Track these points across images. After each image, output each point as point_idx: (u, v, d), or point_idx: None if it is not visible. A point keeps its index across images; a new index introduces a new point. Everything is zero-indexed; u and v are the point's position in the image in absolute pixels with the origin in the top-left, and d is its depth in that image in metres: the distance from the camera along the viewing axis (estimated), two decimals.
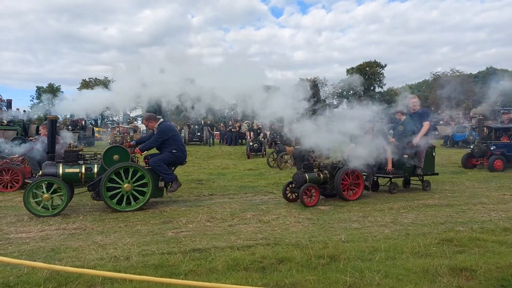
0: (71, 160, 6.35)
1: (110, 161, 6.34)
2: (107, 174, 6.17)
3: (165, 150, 6.80)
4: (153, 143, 6.87)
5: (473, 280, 3.29)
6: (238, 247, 4.23)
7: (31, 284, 3.28)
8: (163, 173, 6.61)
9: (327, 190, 7.02)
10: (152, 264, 3.71)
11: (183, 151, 6.96)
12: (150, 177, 6.39)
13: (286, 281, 3.23)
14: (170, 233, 4.92)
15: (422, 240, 4.31)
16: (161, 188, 6.69)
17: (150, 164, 6.65)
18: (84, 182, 6.40)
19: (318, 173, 6.86)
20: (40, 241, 4.66)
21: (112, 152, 6.39)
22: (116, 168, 6.22)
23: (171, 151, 6.76)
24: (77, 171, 6.31)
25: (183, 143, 7.23)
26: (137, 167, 6.37)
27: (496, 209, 6.09)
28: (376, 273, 3.37)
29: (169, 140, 6.80)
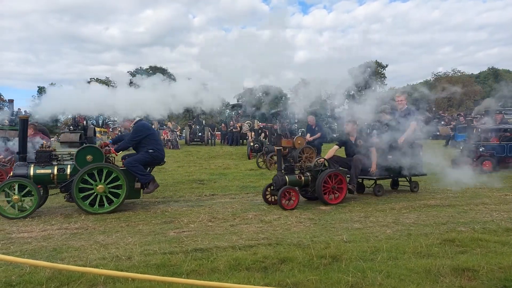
0: (43, 161, 6.14)
1: (83, 161, 6.15)
2: (79, 175, 5.99)
3: (142, 150, 6.59)
4: (129, 143, 6.68)
5: (475, 280, 3.29)
6: (240, 247, 4.23)
7: (34, 283, 3.28)
8: (139, 173, 6.40)
9: (308, 193, 6.84)
10: (154, 264, 3.71)
11: (160, 150, 6.76)
12: (125, 178, 6.22)
13: (288, 281, 3.23)
14: (172, 233, 4.92)
15: (424, 240, 4.30)
16: (138, 189, 6.50)
17: (125, 164, 6.46)
18: (57, 183, 6.21)
19: (299, 175, 6.67)
20: (42, 241, 4.67)
21: (85, 152, 6.21)
22: (90, 169, 6.06)
23: (148, 151, 6.55)
24: (49, 172, 6.12)
25: (160, 143, 7.02)
26: (110, 168, 6.20)
27: (498, 209, 6.08)
28: (378, 273, 3.37)
29: (146, 140, 6.59)
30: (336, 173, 6.69)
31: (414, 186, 7.74)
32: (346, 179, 6.81)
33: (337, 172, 6.73)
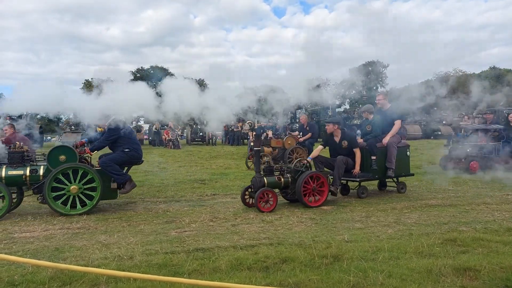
0: (15, 162, 5.99)
1: (56, 162, 5.99)
2: (51, 175, 5.85)
3: (117, 149, 6.46)
4: (103, 142, 6.50)
5: (477, 280, 3.29)
6: (242, 247, 4.24)
7: (36, 283, 3.29)
8: (114, 173, 6.27)
9: (288, 195, 6.66)
10: (156, 264, 3.72)
11: (137, 150, 6.61)
12: (100, 179, 6.08)
13: (290, 281, 3.24)
14: (174, 233, 4.93)
15: (426, 240, 4.30)
16: (114, 189, 6.35)
17: (100, 164, 6.33)
18: (30, 184, 6.06)
19: (279, 177, 6.48)
20: (44, 240, 4.68)
21: (57, 152, 6.04)
22: (63, 169, 5.90)
23: (123, 150, 6.42)
24: (21, 173, 5.95)
25: (137, 142, 6.85)
26: (82, 168, 6.03)
27: (499, 209, 6.08)
28: (379, 273, 3.37)
29: (121, 139, 6.44)
30: (317, 175, 6.52)
31: (401, 187, 7.57)
32: (328, 181, 6.63)
33: (318, 174, 6.57)
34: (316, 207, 6.30)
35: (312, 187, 6.42)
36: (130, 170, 6.85)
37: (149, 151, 19.97)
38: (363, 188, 7.22)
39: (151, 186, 8.73)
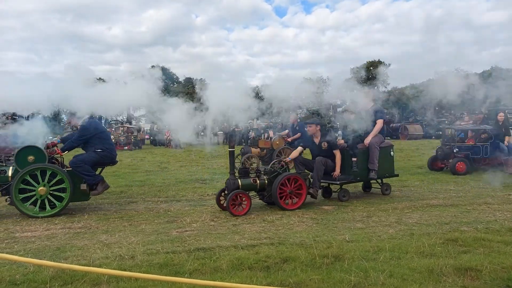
0: None
1: (24, 162, 5.84)
2: (17, 177, 5.72)
3: (89, 149, 6.29)
4: (75, 142, 6.34)
5: (478, 280, 3.28)
6: (243, 247, 4.24)
7: (38, 282, 3.31)
8: (85, 174, 6.09)
9: (265, 198, 6.45)
10: (157, 263, 3.73)
11: (110, 150, 6.44)
12: (69, 180, 5.92)
13: (291, 281, 3.24)
14: (175, 232, 4.94)
15: (427, 240, 4.30)
16: (85, 190, 6.18)
17: (70, 164, 6.14)
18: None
19: (254, 179, 6.22)
20: (46, 240, 4.70)
21: (26, 152, 5.88)
22: (30, 170, 5.76)
23: (95, 150, 6.24)
24: None
25: (110, 142, 6.67)
26: (50, 168, 5.88)
27: (501, 209, 6.06)
28: (380, 272, 3.37)
29: (94, 139, 6.26)
30: (294, 177, 6.29)
31: (385, 189, 7.30)
32: (305, 183, 6.41)
33: (295, 176, 6.33)
34: (292, 210, 6.09)
35: (289, 190, 6.21)
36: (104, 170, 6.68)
37: (150, 151, 20.00)
38: (344, 191, 6.90)
39: (152, 186, 8.74)
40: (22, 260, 2.24)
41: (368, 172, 7.03)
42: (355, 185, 8.50)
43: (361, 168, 6.99)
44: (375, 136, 7.10)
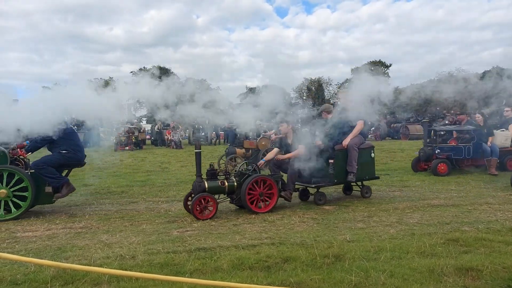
0: None
1: None
2: None
3: (54, 150, 6.13)
4: (39, 143, 6.14)
5: (479, 280, 3.28)
6: (243, 246, 4.24)
7: (38, 282, 3.31)
8: (48, 176, 5.91)
9: (234, 201, 6.22)
10: (158, 263, 3.73)
11: (76, 151, 6.23)
12: (31, 182, 5.75)
13: (291, 280, 3.24)
14: (175, 232, 4.94)
15: (428, 240, 4.29)
16: (49, 193, 6.00)
17: (32, 166, 5.98)
18: None
19: (223, 181, 5.96)
20: (47, 240, 4.71)
21: None
22: None
23: (60, 151, 6.07)
24: None
25: (78, 143, 6.41)
26: (7, 170, 5.72)
27: (502, 209, 6.05)
28: (381, 272, 3.37)
29: (59, 140, 6.04)
30: (263, 178, 6.03)
31: (365, 192, 7.00)
32: (277, 185, 6.14)
33: (264, 177, 6.05)
34: (264, 213, 5.88)
35: (259, 192, 5.96)
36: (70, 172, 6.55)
37: (151, 151, 20.00)
38: (321, 194, 6.58)
39: (153, 186, 8.74)
40: (23, 259, 2.25)
41: (347, 174, 6.75)
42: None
43: (338, 171, 6.70)
44: (355, 137, 6.83)
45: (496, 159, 9.60)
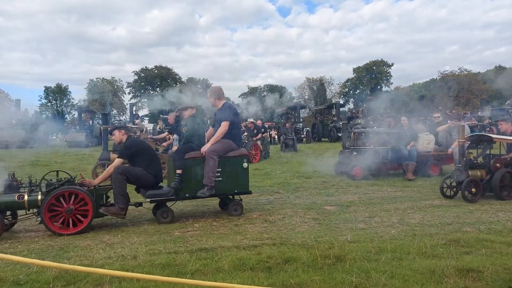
0: None
1: None
2: None
3: None
4: None
5: (480, 281, 3.28)
6: (244, 247, 4.25)
7: (41, 282, 3.33)
8: None
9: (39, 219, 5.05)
10: (159, 263, 3.75)
11: None
12: None
13: (292, 281, 3.25)
14: (177, 233, 4.96)
15: (429, 241, 4.29)
16: None
17: None
18: None
19: (21, 195, 4.91)
20: (49, 240, 4.73)
21: None
22: None
23: None
24: None
25: None
26: None
27: (503, 209, 6.05)
28: (382, 273, 3.38)
29: None
30: (72, 191, 4.97)
31: (234, 209, 5.85)
32: (91, 199, 5.05)
33: (76, 191, 4.98)
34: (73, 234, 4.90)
35: (66, 209, 4.90)
36: None
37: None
38: (165, 210, 5.51)
39: None
40: (26, 261, 2.26)
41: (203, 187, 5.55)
42: (357, 186, 8.51)
43: (187, 182, 5.59)
44: (219, 142, 5.71)
45: (413, 163, 9.24)
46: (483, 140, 7.47)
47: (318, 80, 57.58)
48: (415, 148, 9.45)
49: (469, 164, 6.89)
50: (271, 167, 12.06)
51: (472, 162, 6.99)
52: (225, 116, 5.83)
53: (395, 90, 57.06)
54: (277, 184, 8.71)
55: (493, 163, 6.95)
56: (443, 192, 7.04)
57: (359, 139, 10.33)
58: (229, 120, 5.80)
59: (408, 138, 9.57)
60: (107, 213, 5.25)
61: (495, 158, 7.04)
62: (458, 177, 6.76)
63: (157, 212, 5.54)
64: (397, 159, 9.49)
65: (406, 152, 9.36)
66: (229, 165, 5.80)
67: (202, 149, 5.66)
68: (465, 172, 6.73)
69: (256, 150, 13.54)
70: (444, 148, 9.74)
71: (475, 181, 6.68)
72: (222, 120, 5.82)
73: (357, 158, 9.50)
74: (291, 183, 8.90)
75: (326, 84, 58.58)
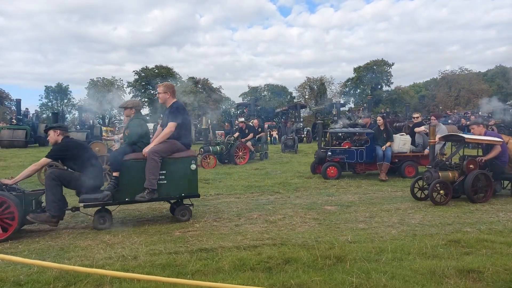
0: None
1: None
2: None
3: None
4: None
5: (480, 282, 3.28)
6: (245, 247, 4.25)
7: (41, 282, 3.34)
8: None
9: None
10: (160, 264, 3.75)
11: None
12: None
13: (292, 282, 3.25)
14: (177, 233, 4.96)
15: (429, 241, 4.29)
16: None
17: None
18: None
19: None
20: (50, 240, 4.73)
21: None
22: None
23: None
24: None
25: None
26: None
27: (504, 209, 6.05)
28: (382, 274, 3.38)
29: None
30: None
31: (182, 214, 5.55)
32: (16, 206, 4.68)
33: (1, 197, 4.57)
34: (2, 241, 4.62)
35: None
36: None
37: None
38: (101, 216, 5.23)
39: None
40: (27, 262, 2.27)
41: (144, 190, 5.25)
42: (357, 186, 8.50)
43: (128, 186, 5.29)
44: (163, 143, 5.40)
45: (387, 164, 9.16)
46: (455, 140, 7.24)
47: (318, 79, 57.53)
48: (390, 149, 9.37)
49: (440, 165, 6.71)
50: (271, 167, 12.07)
51: (443, 163, 6.80)
52: (173, 116, 5.52)
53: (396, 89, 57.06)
54: (277, 184, 8.72)
55: (466, 164, 6.68)
56: (413, 193, 6.86)
57: (334, 139, 10.28)
58: (176, 121, 5.48)
59: (383, 138, 9.52)
60: (35, 221, 4.89)
61: (469, 159, 6.76)
62: (428, 179, 6.62)
63: (94, 218, 5.23)
64: (372, 159, 9.45)
65: (380, 153, 9.30)
66: (175, 166, 5.44)
67: (144, 150, 5.32)
68: (435, 173, 6.56)
69: (245, 151, 13.09)
70: (421, 148, 9.64)
71: (444, 183, 6.46)
72: (169, 120, 5.53)
73: (331, 158, 9.51)
74: (292, 183, 8.90)
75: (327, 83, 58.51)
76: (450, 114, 29.00)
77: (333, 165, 9.44)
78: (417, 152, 9.61)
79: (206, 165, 11.98)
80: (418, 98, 58.03)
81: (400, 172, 9.42)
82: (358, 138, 9.97)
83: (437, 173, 6.58)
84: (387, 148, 9.31)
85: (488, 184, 6.61)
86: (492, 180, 6.65)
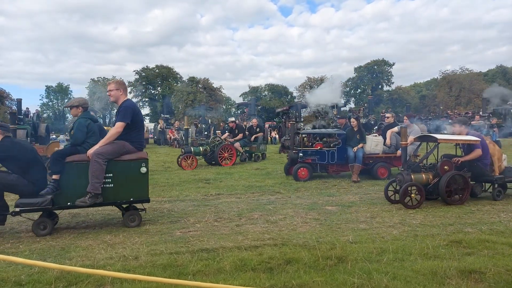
0: None
1: None
2: None
3: None
4: None
5: (482, 282, 3.27)
6: (246, 247, 4.25)
7: (42, 283, 3.33)
8: None
9: None
10: (161, 264, 3.75)
11: None
12: None
13: (294, 282, 3.24)
14: (178, 233, 4.96)
15: (431, 242, 4.29)
16: None
17: None
18: None
19: None
20: (51, 240, 4.73)
21: None
22: None
23: None
24: None
25: None
26: None
27: (505, 210, 6.04)
28: (384, 274, 3.37)
29: None
30: None
31: (130, 218, 5.30)
32: None
33: None
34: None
35: None
36: None
37: (154, 150, 20.04)
38: (40, 221, 4.94)
39: (156, 186, 8.76)
40: (28, 262, 2.26)
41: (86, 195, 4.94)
42: (358, 186, 8.49)
43: (70, 190, 4.99)
44: (109, 144, 5.07)
45: (359, 165, 9.10)
46: (429, 141, 7.00)
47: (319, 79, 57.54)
48: (362, 150, 9.31)
49: (412, 167, 6.57)
50: (272, 166, 12.07)
51: (416, 165, 6.65)
52: (121, 116, 5.20)
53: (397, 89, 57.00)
54: (278, 184, 8.72)
55: (441, 166, 6.44)
56: (387, 196, 6.71)
57: (307, 140, 10.22)
58: (124, 121, 5.16)
59: (357, 140, 9.44)
60: None
61: (443, 160, 6.54)
62: (400, 181, 6.49)
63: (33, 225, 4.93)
64: (344, 160, 9.43)
65: (352, 154, 9.26)
66: (123, 169, 5.15)
67: (88, 151, 5.00)
68: (408, 176, 6.39)
69: (231, 152, 12.73)
70: (394, 150, 9.56)
71: (416, 185, 6.26)
72: (116, 120, 5.25)
73: (302, 159, 9.46)
74: (292, 183, 8.90)
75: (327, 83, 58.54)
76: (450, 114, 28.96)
77: (304, 167, 9.36)
78: (390, 153, 9.54)
79: (186, 166, 11.86)
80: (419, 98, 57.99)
81: (372, 174, 9.33)
82: (327, 140, 9.94)
83: (410, 176, 6.40)
84: (359, 149, 9.27)
85: (465, 186, 6.46)
86: (469, 181, 6.52)
